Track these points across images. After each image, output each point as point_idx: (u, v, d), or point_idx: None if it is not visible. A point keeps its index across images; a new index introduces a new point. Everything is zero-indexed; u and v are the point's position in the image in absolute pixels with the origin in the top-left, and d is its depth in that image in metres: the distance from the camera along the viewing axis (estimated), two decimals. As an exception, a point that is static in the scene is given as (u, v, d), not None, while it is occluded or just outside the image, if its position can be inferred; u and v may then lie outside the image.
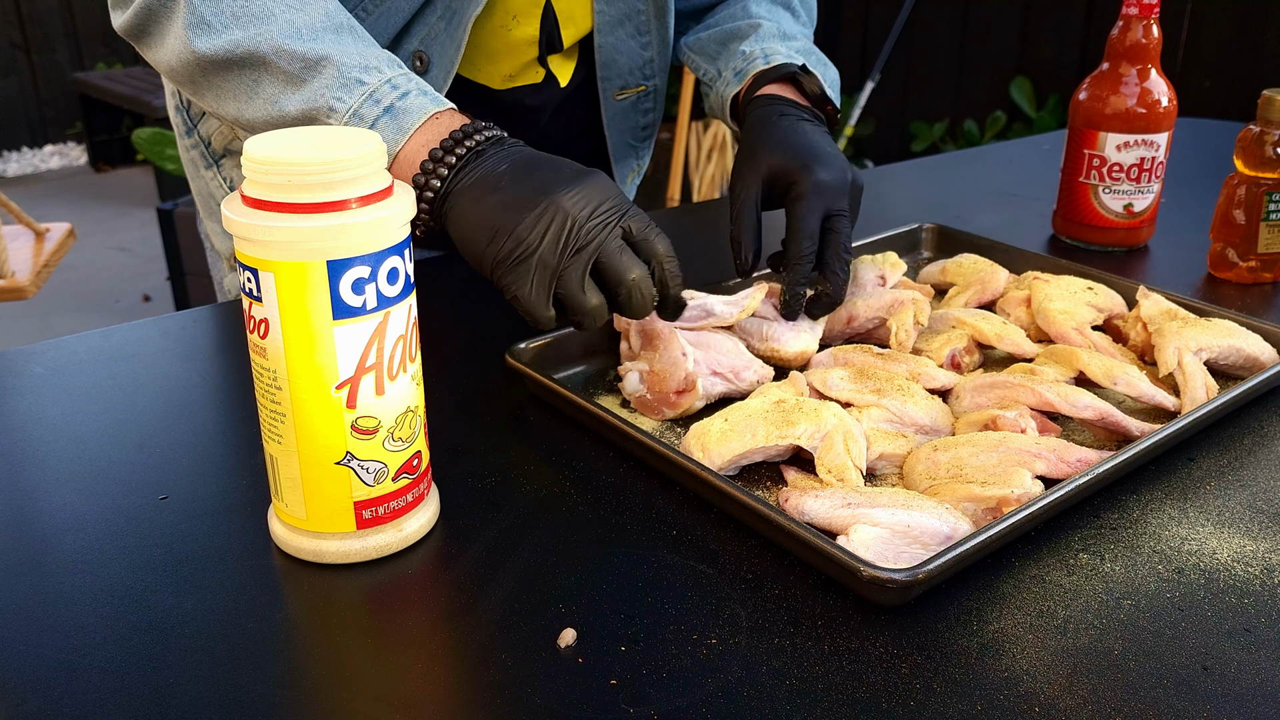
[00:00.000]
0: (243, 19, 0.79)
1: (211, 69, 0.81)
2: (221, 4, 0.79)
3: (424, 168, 0.76)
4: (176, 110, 1.05)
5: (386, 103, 0.78)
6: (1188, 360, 0.79)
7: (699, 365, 0.80)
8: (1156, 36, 1.06)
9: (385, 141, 0.73)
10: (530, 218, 0.71)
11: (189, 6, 0.79)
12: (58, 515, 0.67)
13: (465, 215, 0.74)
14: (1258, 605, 0.59)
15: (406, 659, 0.55)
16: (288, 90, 0.79)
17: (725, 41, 1.06)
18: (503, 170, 0.74)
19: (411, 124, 0.77)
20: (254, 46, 0.79)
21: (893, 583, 0.57)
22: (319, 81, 0.78)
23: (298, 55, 0.78)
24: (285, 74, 0.79)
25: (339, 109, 0.77)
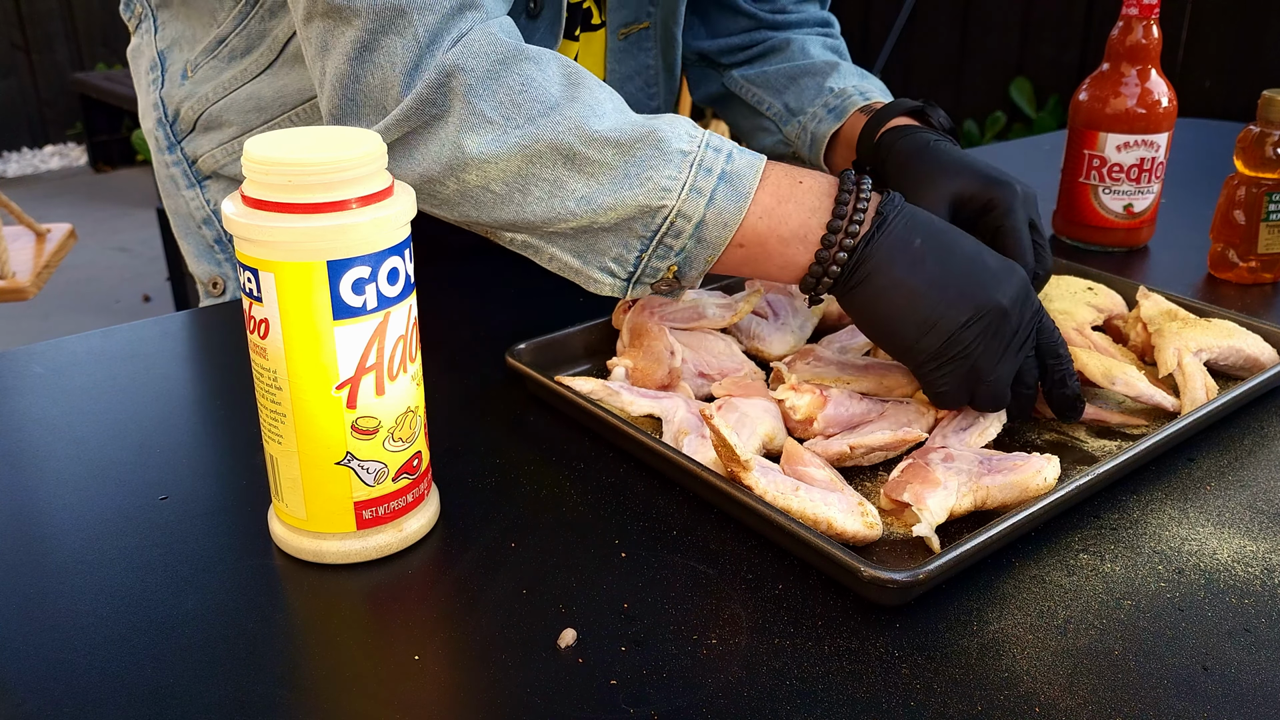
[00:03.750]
0: (528, 111, 0.71)
1: (489, 171, 0.72)
2: (500, 97, 0.71)
3: (825, 241, 0.70)
4: (158, 123, 1.01)
5: (719, 169, 0.71)
6: (1188, 361, 0.79)
7: (686, 365, 0.80)
8: (1156, 37, 1.06)
9: (726, 210, 0.70)
10: (967, 318, 0.68)
11: (467, 107, 0.71)
12: (58, 515, 0.67)
13: (888, 297, 0.69)
14: (1258, 605, 0.59)
15: (406, 659, 0.55)
16: (597, 181, 0.71)
17: (796, 77, 1.05)
18: (919, 245, 0.69)
19: (750, 186, 0.71)
20: (555, 138, 0.70)
21: (893, 583, 0.57)
22: (637, 164, 0.70)
23: (610, 141, 0.70)
24: (595, 164, 0.71)
25: (673, 188, 0.70)
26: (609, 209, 0.71)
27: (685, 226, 0.71)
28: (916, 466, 0.65)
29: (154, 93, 1.02)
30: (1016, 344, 0.70)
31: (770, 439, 0.73)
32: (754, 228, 0.71)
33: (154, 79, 1.02)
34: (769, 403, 0.75)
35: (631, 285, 0.75)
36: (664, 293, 0.78)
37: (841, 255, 0.70)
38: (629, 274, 0.74)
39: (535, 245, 0.76)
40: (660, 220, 0.71)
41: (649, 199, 0.70)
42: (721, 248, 0.72)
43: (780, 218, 0.71)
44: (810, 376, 0.78)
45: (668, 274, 0.74)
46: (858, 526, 0.63)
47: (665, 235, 0.72)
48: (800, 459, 0.68)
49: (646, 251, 0.73)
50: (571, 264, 0.76)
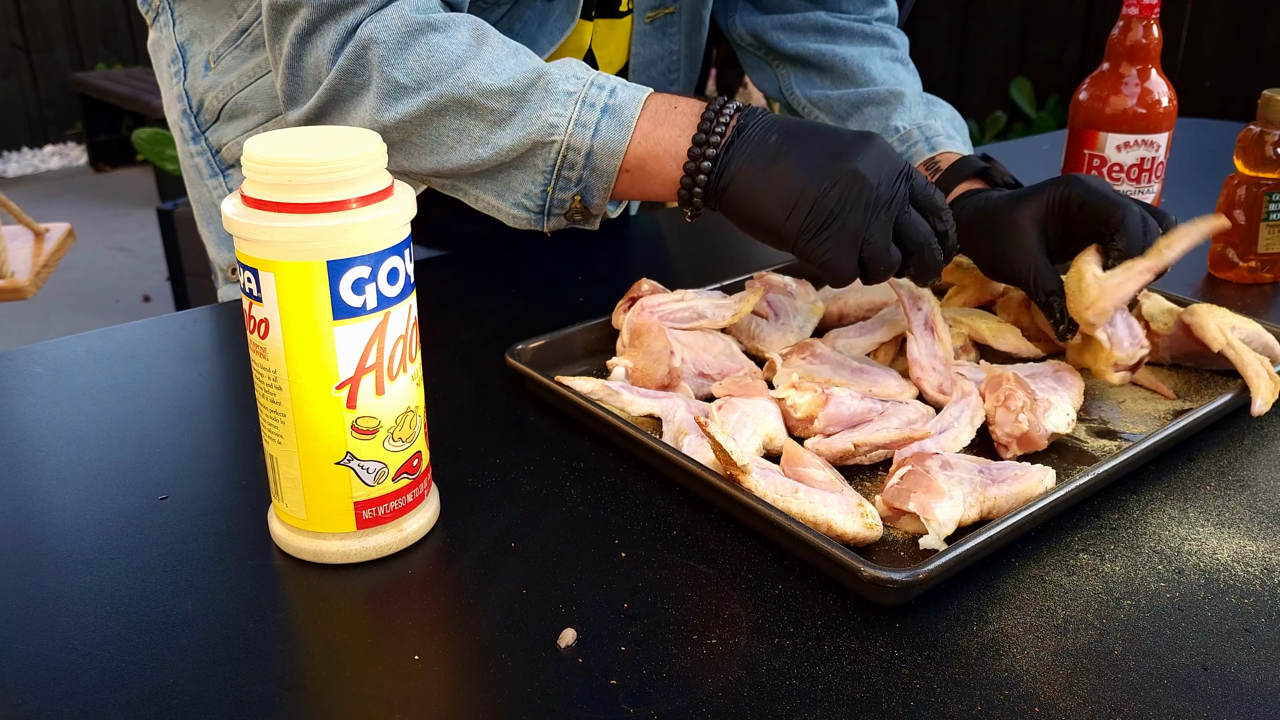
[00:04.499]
0: (434, 72, 0.79)
1: (407, 129, 0.81)
2: (410, 64, 0.79)
3: (691, 154, 0.76)
4: (183, 114, 1.04)
5: (601, 103, 0.78)
6: (1233, 338, 0.80)
7: (686, 365, 0.80)
8: (1156, 36, 1.06)
9: (611, 139, 0.78)
10: (829, 186, 0.72)
11: (381, 76, 0.79)
12: (57, 515, 0.67)
13: (752, 191, 0.74)
14: (1258, 605, 0.59)
15: (406, 659, 0.55)
16: (498, 127, 0.79)
17: (860, 105, 1.05)
18: (774, 140, 0.74)
19: (631, 116, 0.78)
20: (457, 94, 0.78)
21: (893, 583, 0.57)
22: (529, 107, 0.78)
23: (504, 90, 0.78)
24: (494, 112, 0.79)
25: (560, 124, 0.78)
26: (510, 149, 0.79)
27: (577, 158, 0.79)
28: (916, 474, 0.65)
29: (178, 85, 1.03)
30: (883, 203, 0.73)
31: (770, 439, 0.73)
32: (635, 152, 0.79)
33: (176, 71, 1.03)
34: (769, 402, 0.75)
35: (546, 217, 0.83)
36: (578, 223, 0.84)
37: (706, 164, 0.76)
38: (540, 207, 0.82)
39: (462, 189, 0.85)
40: (554, 155, 0.79)
41: (540, 135, 0.78)
42: (613, 174, 0.80)
43: (656, 139, 0.78)
44: (803, 373, 0.78)
45: (574, 203, 0.82)
46: (858, 528, 0.63)
47: (562, 168, 0.80)
48: (800, 460, 0.68)
49: (550, 185, 0.81)
50: (493, 203, 0.84)
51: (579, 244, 1.15)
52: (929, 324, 0.84)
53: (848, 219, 0.72)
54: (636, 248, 1.17)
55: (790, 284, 0.91)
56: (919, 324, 0.83)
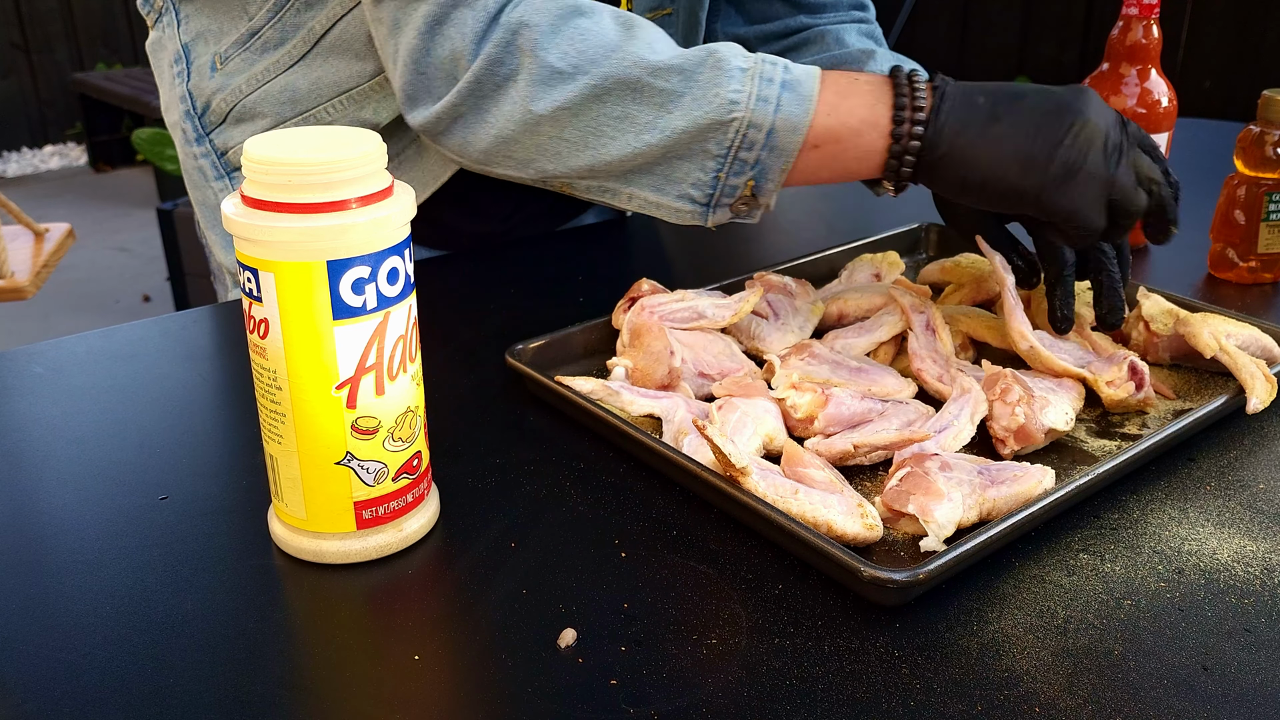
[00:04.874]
0: (591, 55, 0.74)
1: (563, 119, 0.75)
2: (565, 47, 0.74)
3: (896, 119, 0.73)
4: (186, 115, 1.02)
5: (779, 78, 0.74)
6: (1227, 342, 0.80)
7: (686, 365, 0.80)
8: (1156, 37, 1.06)
9: (793, 114, 0.73)
10: (1065, 137, 0.71)
11: (535, 61, 0.74)
12: (58, 515, 0.67)
13: (975, 154, 0.72)
14: (1258, 605, 0.59)
15: (406, 659, 0.55)
16: (667, 109, 0.74)
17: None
18: (983, 102, 0.73)
19: (811, 90, 0.74)
20: (622, 74, 0.74)
21: (893, 583, 0.57)
22: (701, 85, 0.73)
23: (674, 68, 0.73)
24: (663, 92, 0.74)
25: (740, 100, 0.72)
26: (682, 132, 0.73)
27: (757, 136, 0.73)
28: (915, 476, 0.65)
29: (180, 85, 1.01)
30: (1118, 146, 0.72)
31: (770, 439, 0.73)
32: (824, 125, 0.73)
33: (179, 72, 1.01)
34: (769, 402, 0.75)
35: (712, 209, 0.77)
36: (743, 214, 0.78)
37: (917, 129, 0.72)
38: (708, 197, 0.76)
39: (612, 188, 0.78)
40: (733, 134, 0.73)
41: (719, 114, 0.72)
42: (794, 153, 0.74)
43: (847, 110, 0.74)
44: (801, 374, 0.78)
45: (745, 190, 0.76)
46: (858, 529, 0.63)
47: (739, 149, 0.74)
48: (800, 460, 0.68)
49: (723, 170, 0.75)
50: (651, 199, 0.78)
51: (579, 244, 1.15)
52: (930, 325, 0.84)
53: (1093, 166, 0.71)
54: (636, 248, 1.17)
55: (790, 284, 0.91)
56: (920, 325, 0.84)
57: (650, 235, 1.20)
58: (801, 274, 0.96)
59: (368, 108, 0.94)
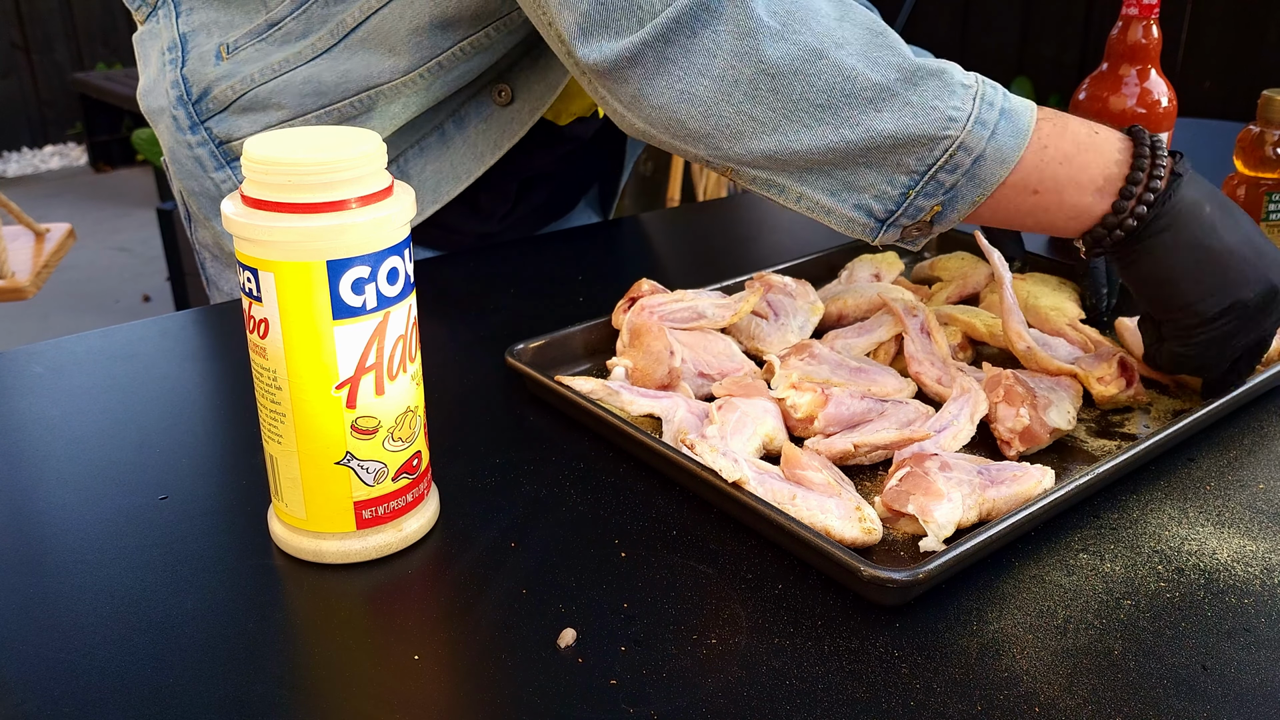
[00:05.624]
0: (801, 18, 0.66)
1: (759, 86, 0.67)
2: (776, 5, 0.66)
3: (1124, 193, 0.69)
4: (179, 101, 0.98)
5: (999, 104, 0.68)
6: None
7: (686, 365, 0.80)
8: (1156, 37, 1.06)
9: (1005, 146, 0.67)
10: (1251, 291, 0.70)
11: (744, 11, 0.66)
12: (57, 515, 0.67)
13: (1178, 257, 0.69)
14: (1258, 605, 0.59)
15: (406, 659, 0.55)
16: (875, 107, 0.67)
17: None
18: (1209, 211, 0.70)
19: (1027, 124, 0.68)
20: (831, 54, 0.66)
21: (893, 583, 0.57)
22: (920, 93, 0.67)
23: (894, 65, 0.66)
24: (875, 87, 0.66)
25: (959, 118, 0.67)
26: (886, 137, 0.67)
27: (964, 160, 0.68)
28: (915, 476, 0.65)
29: (172, 71, 0.98)
30: (1271, 326, 0.72)
31: (770, 439, 0.73)
32: (1054, 174, 0.69)
33: (171, 59, 0.98)
34: (769, 403, 0.75)
35: (886, 227, 0.71)
36: (912, 239, 0.74)
37: (1141, 209, 0.69)
38: (888, 213, 0.71)
39: (782, 184, 0.72)
40: (940, 152, 0.68)
41: (933, 129, 0.67)
42: (993, 186, 0.69)
43: (1081, 165, 0.69)
44: (801, 374, 0.78)
45: (928, 215, 0.71)
46: (855, 533, 0.63)
47: (940, 170, 0.68)
48: (799, 463, 0.68)
49: (915, 188, 0.69)
50: (823, 202, 0.71)
51: (579, 244, 1.15)
52: (924, 329, 0.84)
53: (1240, 332, 0.71)
54: (636, 248, 1.17)
55: (790, 284, 0.91)
56: (915, 328, 0.84)
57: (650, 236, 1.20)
58: (801, 274, 0.96)
59: (397, 102, 0.93)
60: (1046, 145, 0.69)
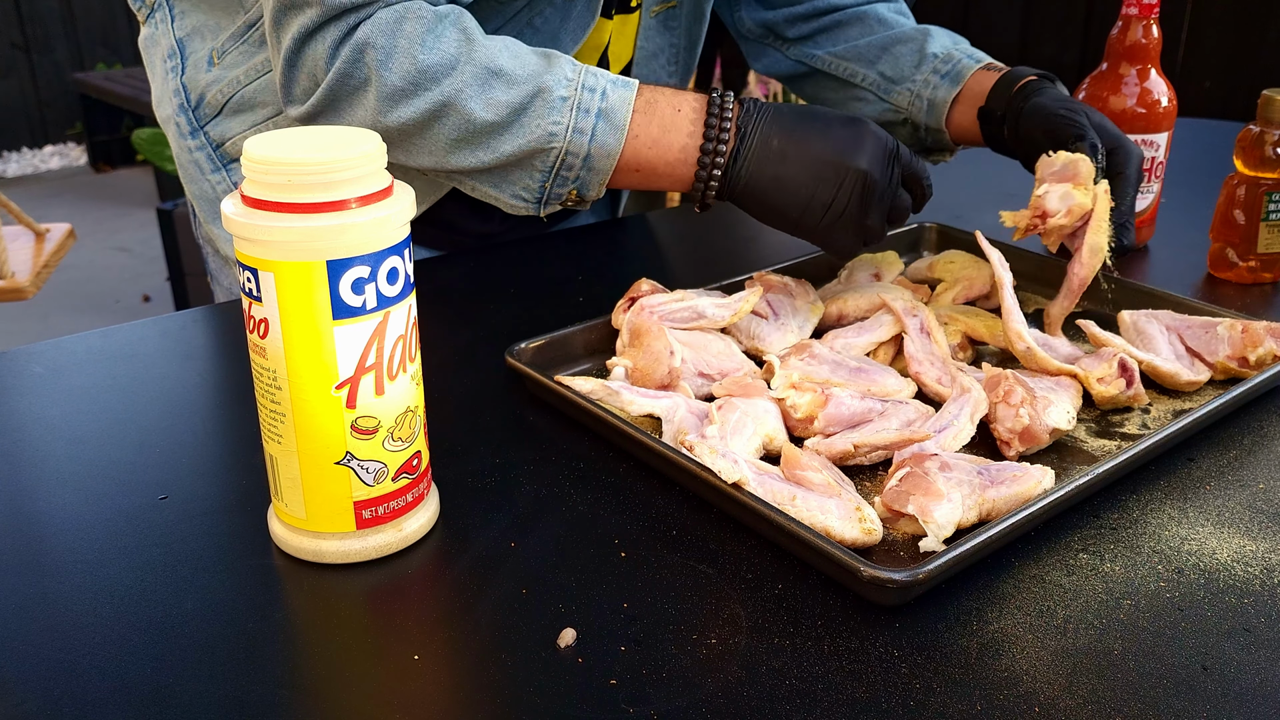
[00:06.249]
0: (431, 74, 0.81)
1: (409, 131, 0.83)
2: (405, 67, 0.81)
3: (701, 162, 0.83)
4: (180, 109, 1.03)
5: (595, 108, 0.83)
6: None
7: (686, 364, 0.80)
8: (1156, 36, 1.06)
9: (606, 143, 0.83)
10: (836, 188, 0.81)
11: (379, 79, 0.81)
12: (57, 515, 0.67)
13: (764, 190, 0.83)
14: (1258, 605, 0.59)
15: (406, 659, 0.55)
16: (497, 135, 0.83)
17: (887, 47, 1.11)
18: (776, 144, 0.82)
19: (623, 119, 0.83)
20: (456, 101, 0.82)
21: (893, 583, 0.57)
22: (528, 116, 0.82)
23: (503, 103, 0.82)
24: (492, 124, 0.82)
25: (558, 131, 0.83)
26: (510, 155, 0.84)
27: (575, 161, 0.85)
28: (915, 476, 0.65)
29: (174, 79, 1.02)
30: (881, 192, 0.82)
31: (771, 439, 0.73)
32: (645, 155, 0.85)
33: (173, 66, 1.02)
34: (769, 403, 0.75)
35: (541, 206, 0.89)
36: (572, 206, 0.90)
37: (716, 172, 0.83)
38: (537, 199, 0.88)
39: (459, 180, 0.89)
40: (553, 158, 0.84)
41: (541, 143, 0.83)
42: (609, 171, 0.86)
43: (666, 145, 0.84)
44: (801, 374, 0.78)
45: (570, 196, 0.88)
46: (855, 534, 0.63)
47: (560, 169, 0.85)
48: (798, 463, 0.67)
49: (548, 181, 0.86)
50: (490, 193, 0.89)
51: (579, 244, 1.15)
52: (924, 329, 0.84)
53: (855, 212, 0.82)
54: (636, 248, 1.17)
55: (790, 284, 0.91)
56: (914, 328, 0.84)
57: (650, 235, 1.20)
58: (801, 274, 0.96)
59: None
60: (638, 134, 0.84)
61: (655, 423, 0.76)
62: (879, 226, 0.84)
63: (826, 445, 0.71)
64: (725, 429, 0.71)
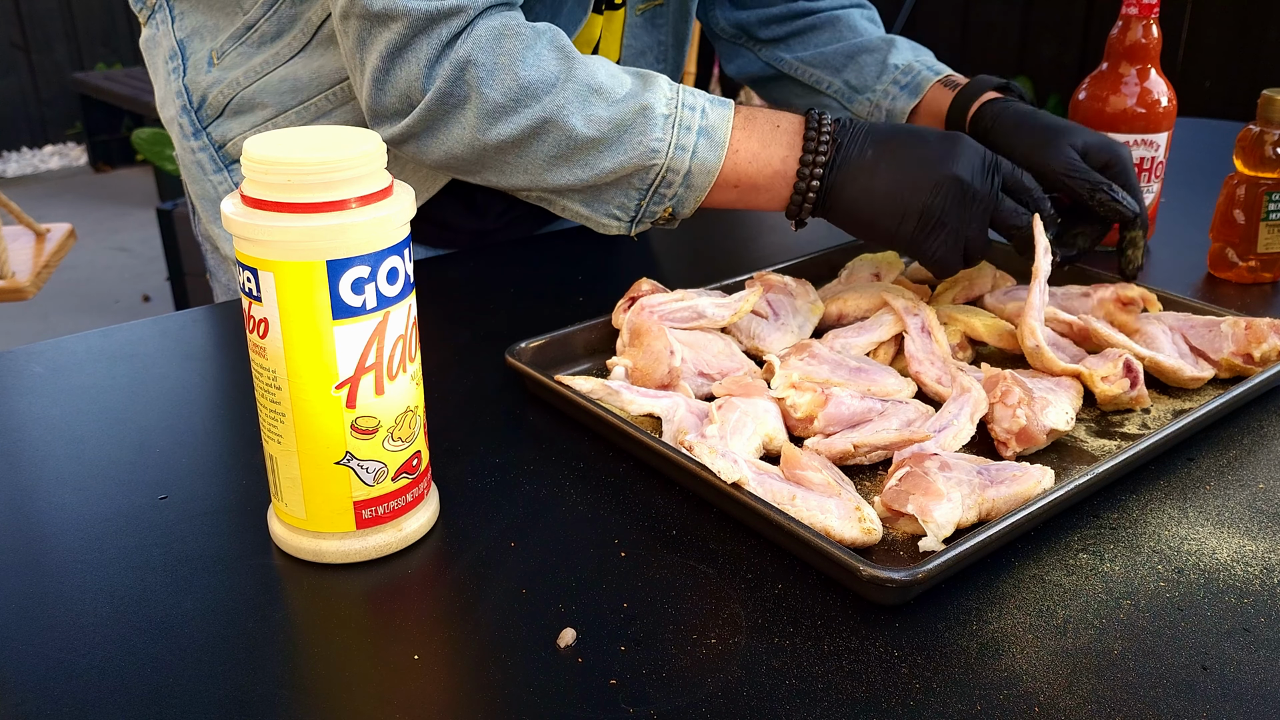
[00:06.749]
0: (531, 92, 0.81)
1: (507, 148, 0.83)
2: (507, 83, 0.81)
3: (800, 174, 0.83)
4: (183, 110, 1.03)
5: (695, 125, 0.83)
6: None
7: (686, 364, 0.80)
8: (1156, 36, 1.06)
9: (708, 160, 0.83)
10: (931, 194, 0.80)
11: (480, 96, 0.81)
12: (57, 515, 0.67)
13: (860, 203, 0.82)
14: (1258, 605, 0.59)
15: (406, 659, 0.55)
16: (598, 152, 0.83)
17: (853, 55, 1.12)
18: (870, 156, 0.82)
19: (724, 136, 0.83)
20: (559, 118, 0.81)
21: (892, 582, 0.57)
22: (631, 133, 0.82)
23: (607, 119, 0.82)
24: (595, 140, 0.82)
25: (660, 149, 0.83)
26: (610, 172, 0.83)
27: (675, 178, 0.84)
28: (915, 476, 0.65)
29: (176, 81, 1.02)
30: (980, 199, 0.81)
31: (771, 439, 0.73)
32: (745, 171, 0.85)
33: (174, 68, 1.02)
34: (769, 402, 0.75)
35: (634, 225, 0.88)
36: (664, 225, 0.89)
37: (815, 184, 0.83)
38: (631, 218, 0.87)
39: (549, 199, 0.88)
40: (653, 176, 0.84)
41: (642, 160, 0.83)
42: (707, 190, 0.85)
43: (765, 161, 0.84)
44: (801, 374, 0.78)
45: (664, 214, 0.87)
46: (855, 533, 0.63)
47: (659, 186, 0.85)
48: (798, 463, 0.67)
49: (644, 200, 0.86)
50: (582, 212, 0.88)
51: (579, 244, 1.15)
52: (925, 328, 0.84)
53: (952, 221, 0.81)
54: (636, 247, 1.17)
55: (790, 284, 0.91)
56: (915, 328, 0.84)
57: (650, 236, 1.20)
58: (801, 274, 0.96)
59: None
60: (738, 150, 0.84)
61: (655, 422, 0.76)
62: (980, 236, 0.83)
63: (826, 445, 0.71)
64: (725, 429, 0.71)
